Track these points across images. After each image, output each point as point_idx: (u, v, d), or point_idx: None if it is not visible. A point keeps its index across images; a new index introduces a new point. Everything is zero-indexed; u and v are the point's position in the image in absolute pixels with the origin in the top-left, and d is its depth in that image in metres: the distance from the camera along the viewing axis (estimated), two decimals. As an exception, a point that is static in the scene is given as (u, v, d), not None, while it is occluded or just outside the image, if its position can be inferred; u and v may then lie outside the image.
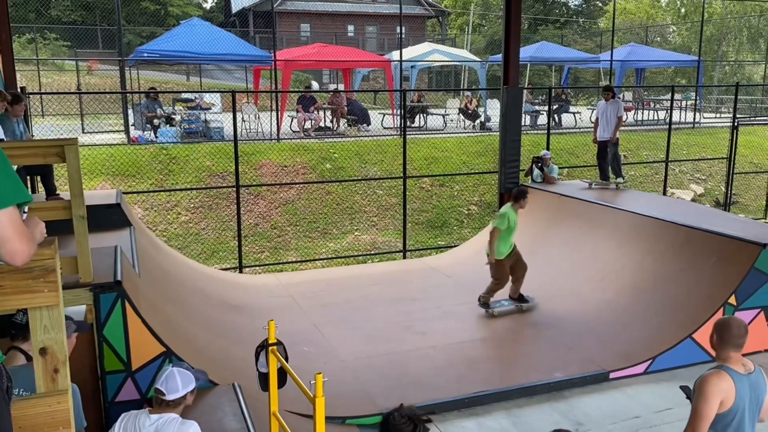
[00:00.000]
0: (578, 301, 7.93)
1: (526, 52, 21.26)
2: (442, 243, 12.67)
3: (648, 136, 17.87)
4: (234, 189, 10.49)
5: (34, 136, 9.93)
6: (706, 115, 23.60)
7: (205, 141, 15.03)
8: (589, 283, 8.18)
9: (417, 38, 33.78)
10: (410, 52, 21.86)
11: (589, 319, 7.52)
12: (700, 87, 23.16)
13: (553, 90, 19.65)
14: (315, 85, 26.28)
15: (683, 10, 42.39)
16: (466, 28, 40.76)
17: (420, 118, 19.78)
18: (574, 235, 9.12)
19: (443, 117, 19.78)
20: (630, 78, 25.94)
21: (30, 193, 2.11)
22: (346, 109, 18.06)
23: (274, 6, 26.87)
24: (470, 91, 21.51)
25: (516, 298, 8.03)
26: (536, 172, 10.82)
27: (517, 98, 10.86)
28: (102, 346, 4.82)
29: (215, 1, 43.25)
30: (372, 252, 12.18)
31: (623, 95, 22.27)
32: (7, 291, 2.11)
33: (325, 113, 18.07)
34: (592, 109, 13.66)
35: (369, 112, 19.33)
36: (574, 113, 20.51)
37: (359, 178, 14.10)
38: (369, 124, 18.68)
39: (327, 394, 3.16)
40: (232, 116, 10.48)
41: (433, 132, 18.23)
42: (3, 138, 7.00)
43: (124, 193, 9.03)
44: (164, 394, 3.57)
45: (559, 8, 45.11)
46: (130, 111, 16.37)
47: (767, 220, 13.94)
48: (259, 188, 13.32)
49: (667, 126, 14.22)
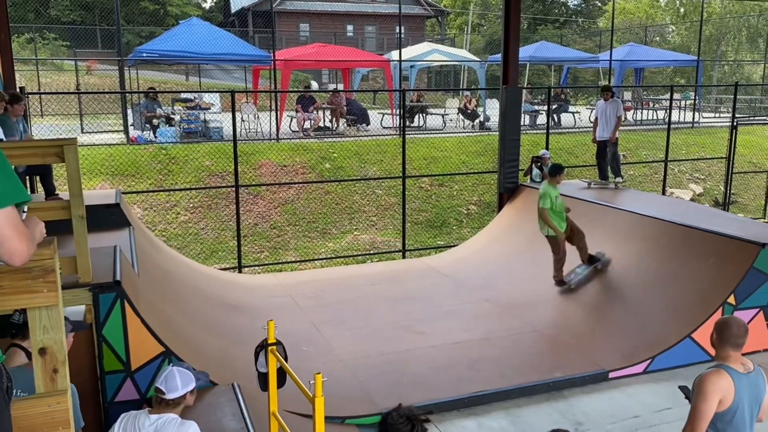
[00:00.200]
0: (577, 300, 7.93)
1: (525, 52, 21.28)
2: (442, 243, 12.67)
3: (647, 136, 17.88)
4: (233, 189, 10.49)
5: (33, 136, 9.92)
6: (705, 114, 23.61)
7: (204, 141, 15.03)
8: (588, 283, 8.18)
9: (416, 38, 33.77)
10: (409, 51, 21.85)
11: (588, 318, 7.53)
12: (699, 87, 23.17)
13: (553, 90, 19.63)
14: (314, 85, 26.27)
15: (682, 10, 42.43)
16: (465, 28, 40.79)
17: (419, 117, 19.78)
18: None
19: (442, 117, 19.78)
20: (629, 78, 25.93)
21: (29, 193, 2.11)
22: (345, 108, 18.06)
23: (273, 6, 26.86)
24: (469, 91, 21.49)
25: (587, 261, 8.21)
26: (535, 171, 10.83)
27: (517, 98, 10.86)
28: (101, 346, 4.82)
29: (214, 0, 43.24)
30: (371, 252, 12.18)
31: (622, 95, 22.28)
32: (6, 291, 2.10)
33: (324, 113, 18.06)
34: (592, 109, 13.67)
35: (368, 111, 19.33)
36: (573, 113, 20.53)
37: (358, 177, 14.09)
38: (368, 123, 18.67)
39: (326, 394, 3.16)
40: (231, 116, 10.48)
41: (433, 132, 18.23)
42: (2, 138, 7.01)
43: (123, 193, 9.03)
44: (164, 393, 3.58)
45: (559, 8, 45.13)
46: (129, 111, 16.36)
47: (766, 220, 13.95)
48: (258, 188, 13.32)
49: (666, 126, 14.23)
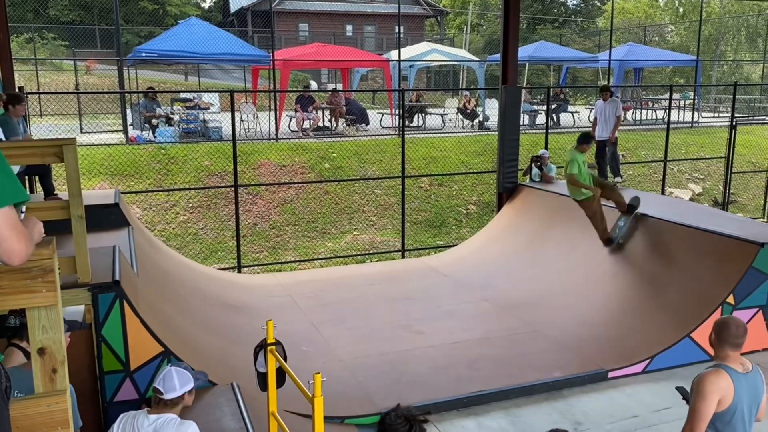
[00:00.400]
0: (577, 300, 7.93)
1: (524, 52, 21.28)
2: (441, 242, 12.67)
3: (646, 136, 17.88)
4: (232, 189, 10.49)
5: (32, 135, 9.92)
6: (704, 114, 23.62)
7: (203, 141, 15.02)
8: (587, 282, 8.18)
9: (415, 38, 33.77)
10: (409, 51, 21.86)
11: (587, 318, 7.53)
12: (699, 86, 23.18)
13: (552, 89, 19.63)
14: (313, 85, 26.26)
15: (681, 10, 42.45)
16: (464, 28, 40.78)
17: (418, 117, 19.79)
18: (573, 234, 9.12)
19: (442, 116, 19.78)
20: (628, 77, 25.93)
21: (27, 193, 2.10)
22: (344, 108, 18.06)
23: (273, 6, 26.84)
24: (469, 91, 21.49)
25: (626, 210, 8.35)
26: (535, 171, 10.84)
27: (516, 98, 10.86)
28: (100, 346, 4.82)
29: (213, 0, 43.21)
30: (370, 252, 12.18)
31: (621, 95, 22.29)
32: (5, 291, 2.10)
33: (323, 113, 18.06)
34: (591, 109, 13.66)
35: (367, 111, 19.34)
36: (572, 112, 20.54)
37: (358, 177, 14.09)
38: (367, 123, 18.67)
39: (325, 394, 3.16)
40: (230, 116, 10.48)
41: (432, 131, 18.23)
42: (2, 138, 7.00)
43: (122, 193, 9.03)
44: (162, 393, 3.58)
45: (558, 8, 45.15)
46: (128, 111, 16.35)
47: (765, 220, 13.95)
48: (257, 188, 13.31)
49: (665, 125, 14.23)
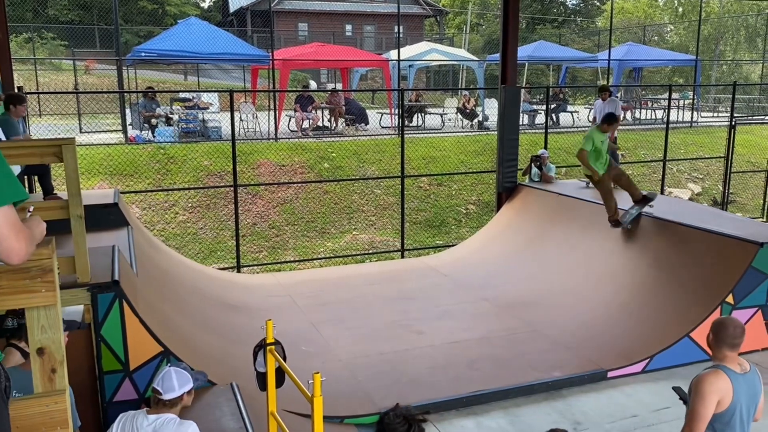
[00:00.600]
0: (576, 299, 7.93)
1: (523, 52, 21.28)
2: (440, 242, 12.67)
3: (646, 135, 17.89)
4: (232, 188, 10.49)
5: (31, 135, 9.92)
6: (703, 114, 23.63)
7: (202, 140, 15.02)
8: (587, 282, 8.18)
9: (415, 37, 33.76)
10: (408, 51, 21.85)
11: (587, 318, 7.53)
12: (698, 86, 23.18)
13: (551, 89, 19.64)
14: (313, 85, 26.26)
15: (681, 10, 42.43)
16: (464, 28, 40.77)
17: (418, 117, 19.79)
18: (572, 234, 9.13)
19: (441, 116, 19.79)
20: (631, 77, 25.93)
21: (26, 191, 2.10)
22: (344, 108, 18.06)
23: (272, 5, 26.84)
24: (468, 91, 21.49)
25: (639, 201, 8.27)
26: (534, 171, 10.84)
27: (515, 97, 10.86)
28: (100, 345, 4.81)
29: (213, 0, 43.19)
30: (370, 251, 12.17)
31: (620, 94, 22.29)
32: (4, 291, 2.10)
33: (323, 113, 18.06)
34: (590, 108, 13.66)
35: (367, 111, 19.33)
36: (571, 112, 20.56)
37: (357, 177, 14.09)
38: (367, 123, 18.67)
39: (325, 394, 3.16)
40: (229, 116, 10.47)
41: (431, 131, 18.23)
42: (2, 138, 7.01)
43: (121, 193, 9.02)
44: (161, 393, 3.57)
45: (557, 7, 45.15)
46: (127, 110, 16.34)
47: (764, 219, 13.95)
48: (257, 188, 13.31)
49: (664, 125, 14.24)
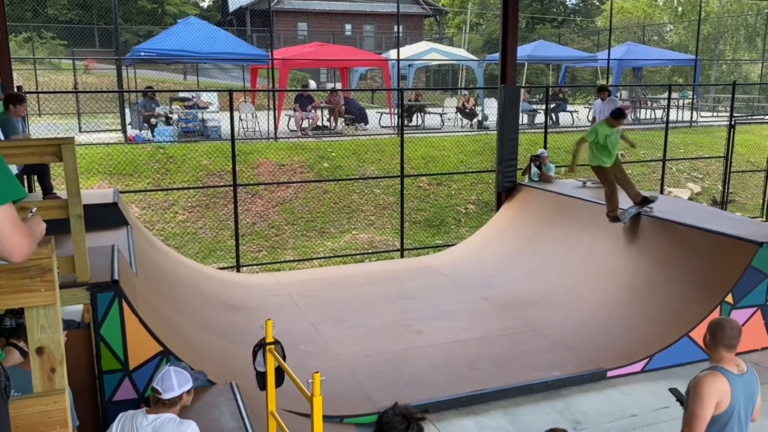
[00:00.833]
0: (576, 299, 7.93)
1: (523, 51, 21.28)
2: (440, 242, 12.67)
3: (645, 135, 17.88)
4: (231, 188, 10.49)
5: (31, 135, 9.91)
6: (703, 113, 23.64)
7: (202, 140, 15.01)
8: (587, 282, 8.18)
9: (414, 37, 33.76)
10: (408, 51, 21.84)
11: (586, 317, 7.53)
12: (697, 86, 23.19)
13: (551, 89, 19.65)
14: (312, 84, 26.26)
15: (680, 9, 42.41)
16: (463, 27, 40.76)
17: (417, 117, 19.78)
18: (572, 234, 9.13)
19: (441, 116, 19.79)
20: (627, 77, 25.92)
21: (25, 190, 2.10)
22: (343, 108, 18.06)
23: (271, 5, 26.82)
24: (468, 90, 21.49)
25: (639, 202, 8.30)
26: (534, 170, 10.85)
27: (515, 97, 10.86)
28: (99, 345, 4.81)
29: (212, 0, 43.16)
30: (369, 251, 12.17)
31: (620, 94, 22.29)
32: (3, 290, 2.10)
33: (322, 112, 18.06)
34: (590, 108, 13.66)
35: (366, 111, 19.32)
36: (571, 112, 20.56)
37: (357, 177, 14.08)
38: (366, 123, 18.66)
39: (324, 393, 3.16)
40: (229, 115, 10.47)
41: (431, 131, 18.22)
42: (0, 138, 7.01)
43: (121, 192, 9.02)
44: (160, 393, 3.57)
45: (557, 7, 45.13)
46: (127, 110, 16.34)
47: (764, 219, 13.96)
48: (256, 187, 13.30)
49: (664, 125, 14.24)
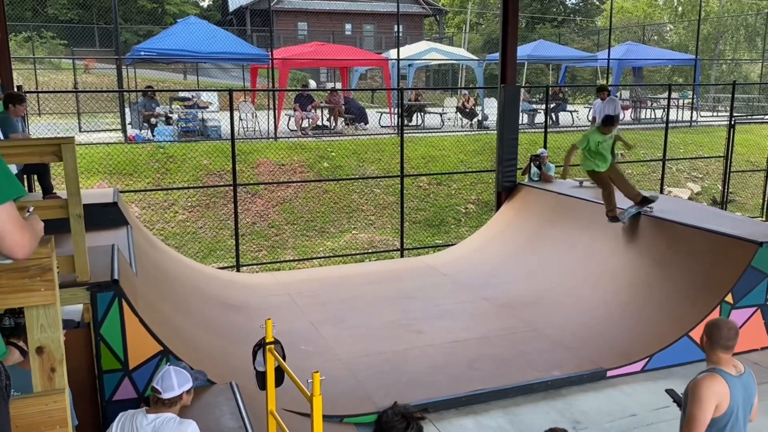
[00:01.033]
0: (575, 299, 7.93)
1: (523, 51, 21.27)
2: (440, 242, 12.67)
3: (645, 135, 17.88)
4: (231, 188, 10.49)
5: (31, 134, 9.91)
6: (703, 113, 23.64)
7: (202, 140, 15.01)
8: (587, 282, 8.18)
9: (414, 37, 33.76)
10: (408, 50, 21.84)
11: (586, 317, 7.53)
12: (697, 85, 23.18)
13: (551, 88, 19.63)
14: (312, 84, 26.25)
15: (680, 9, 42.39)
16: (463, 27, 40.77)
17: (417, 116, 19.78)
18: (572, 234, 9.13)
19: (441, 116, 19.79)
20: (627, 77, 25.90)
21: (24, 188, 2.11)
22: (343, 107, 18.05)
23: (271, 4, 26.81)
24: (468, 90, 21.49)
25: (639, 201, 8.31)
26: (534, 170, 10.85)
27: (515, 97, 10.86)
28: (99, 345, 4.81)
29: (212, -1, 43.14)
30: (369, 251, 12.17)
31: (620, 94, 22.29)
32: (3, 290, 2.10)
33: (322, 112, 18.05)
34: (589, 108, 13.67)
35: (366, 110, 19.32)
36: (571, 112, 20.56)
37: (357, 176, 14.08)
38: (366, 122, 18.66)
39: (324, 393, 3.16)
40: (229, 115, 10.47)
41: (431, 131, 18.22)
42: (0, 137, 7.02)
43: (121, 192, 9.02)
44: (160, 392, 3.57)
45: (557, 7, 45.12)
46: (127, 110, 16.33)
47: (764, 219, 13.96)
48: (256, 187, 13.30)
49: (664, 124, 14.24)
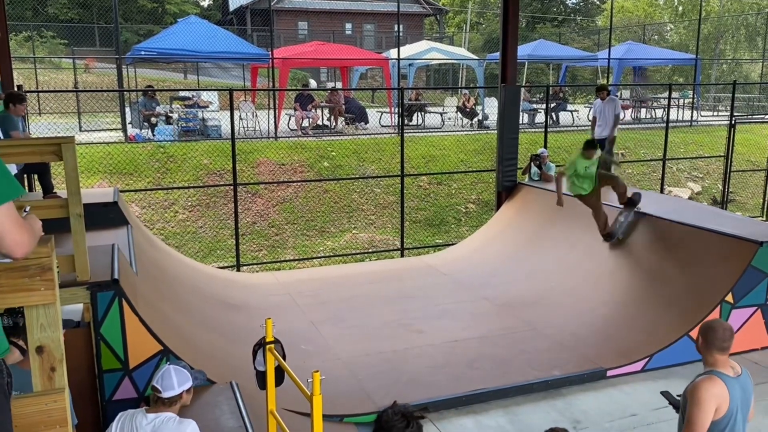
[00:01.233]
0: (575, 299, 7.93)
1: (523, 50, 21.27)
2: (440, 241, 12.67)
3: (645, 134, 17.88)
4: (231, 187, 10.49)
5: (31, 134, 9.91)
6: (703, 113, 23.63)
7: (202, 139, 15.01)
8: (586, 281, 8.18)
9: (415, 36, 33.75)
10: (408, 50, 21.83)
11: (586, 317, 7.53)
12: (698, 85, 23.17)
13: (551, 88, 19.62)
14: (312, 83, 26.24)
15: (681, 9, 42.37)
16: (463, 26, 40.75)
17: (418, 116, 19.77)
18: (572, 233, 9.13)
19: (441, 115, 19.78)
20: (627, 76, 25.88)
21: (23, 188, 2.12)
22: (343, 107, 18.05)
23: (272, 4, 26.81)
24: (468, 90, 21.48)
25: (626, 204, 8.41)
26: (534, 170, 10.85)
27: (515, 96, 10.86)
28: (99, 344, 4.81)
29: (212, -1, 43.12)
30: (370, 250, 12.17)
31: (620, 93, 22.28)
32: (3, 289, 2.10)
33: (322, 111, 18.05)
34: (590, 107, 13.66)
35: (367, 110, 19.31)
36: (571, 111, 20.56)
37: (357, 176, 14.08)
38: (367, 122, 18.65)
39: (324, 393, 3.16)
40: (229, 114, 10.47)
41: (431, 130, 18.22)
42: (0, 136, 7.02)
43: (121, 192, 9.02)
44: (160, 391, 3.58)
45: (557, 6, 45.10)
46: (127, 109, 16.33)
47: (764, 218, 13.95)
48: (256, 186, 13.30)
49: (664, 124, 14.24)
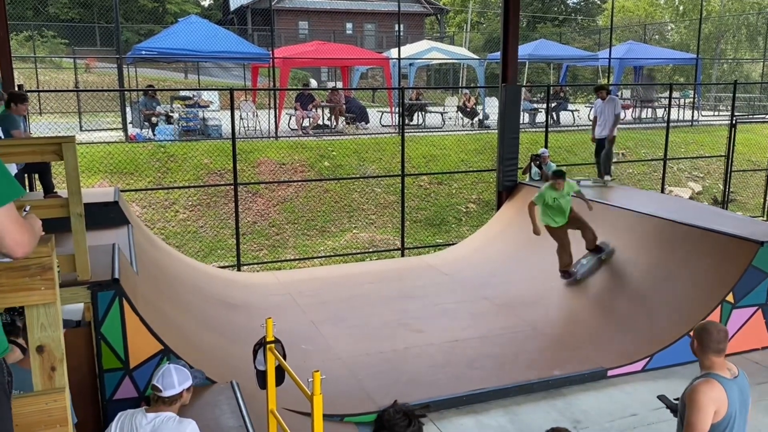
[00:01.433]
0: (576, 298, 7.93)
1: (524, 50, 21.26)
2: (441, 241, 12.67)
3: (646, 134, 17.88)
4: (232, 187, 10.49)
5: (32, 133, 9.92)
6: (704, 113, 23.62)
7: (203, 139, 15.01)
8: (587, 281, 8.18)
9: (415, 36, 33.75)
10: (409, 49, 21.83)
11: (586, 317, 7.53)
12: (699, 85, 23.16)
13: (552, 88, 19.62)
14: (313, 83, 26.24)
15: (681, 8, 42.36)
16: (464, 26, 40.74)
17: (418, 116, 19.77)
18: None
19: (442, 115, 19.78)
20: (628, 76, 25.87)
21: (23, 188, 2.12)
22: (344, 107, 18.04)
23: (272, 3, 26.81)
24: (469, 89, 21.48)
25: (593, 249, 8.32)
26: (534, 170, 10.83)
27: (516, 96, 10.86)
28: (100, 344, 4.81)
29: (213, -2, 43.12)
30: (370, 250, 12.17)
31: (621, 93, 22.27)
32: (4, 288, 2.10)
33: (323, 111, 18.05)
34: (590, 107, 13.66)
35: (367, 110, 19.31)
36: (572, 111, 20.54)
37: (357, 176, 14.08)
38: (367, 122, 18.65)
39: (325, 392, 3.16)
40: (230, 114, 10.48)
41: (432, 130, 18.21)
42: (1, 136, 7.02)
43: (122, 191, 9.02)
44: (161, 390, 3.58)
45: (558, 6, 45.10)
46: (128, 109, 16.34)
47: (765, 218, 13.95)
48: (257, 186, 13.31)
49: (665, 124, 14.23)
